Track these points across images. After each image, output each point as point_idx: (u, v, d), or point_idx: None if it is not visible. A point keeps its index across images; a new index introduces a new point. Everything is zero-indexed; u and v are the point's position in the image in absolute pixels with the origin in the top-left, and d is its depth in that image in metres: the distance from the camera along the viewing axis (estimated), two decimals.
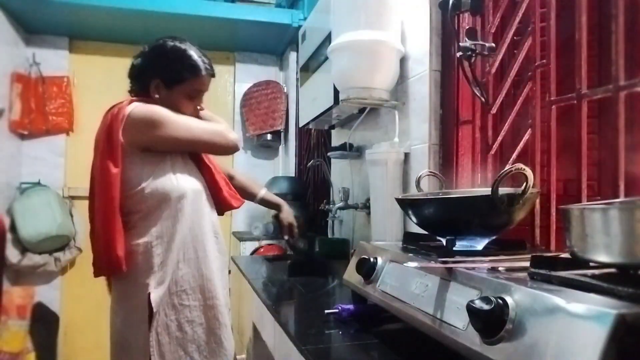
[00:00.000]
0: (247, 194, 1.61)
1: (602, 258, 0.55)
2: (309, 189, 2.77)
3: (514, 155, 1.12)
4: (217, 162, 1.46)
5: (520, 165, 0.77)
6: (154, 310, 1.22)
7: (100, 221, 1.23)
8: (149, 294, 1.22)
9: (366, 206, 1.75)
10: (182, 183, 1.28)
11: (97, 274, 1.28)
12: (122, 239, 1.21)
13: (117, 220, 1.20)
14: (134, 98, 1.31)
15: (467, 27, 1.19)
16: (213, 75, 1.39)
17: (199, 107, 1.38)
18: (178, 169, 1.29)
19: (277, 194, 2.53)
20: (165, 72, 1.31)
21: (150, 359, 1.21)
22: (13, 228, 2.63)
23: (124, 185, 1.22)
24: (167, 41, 1.35)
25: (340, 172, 2.16)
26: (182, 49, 1.35)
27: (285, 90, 3.16)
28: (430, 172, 1.22)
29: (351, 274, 1.03)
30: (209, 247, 1.32)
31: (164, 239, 1.25)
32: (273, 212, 1.66)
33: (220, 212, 1.43)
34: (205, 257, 1.30)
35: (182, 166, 1.31)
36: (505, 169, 0.77)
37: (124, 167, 1.22)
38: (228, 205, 1.42)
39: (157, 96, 1.30)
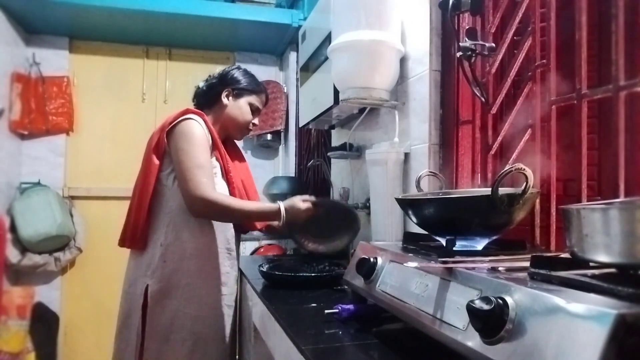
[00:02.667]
0: None
1: (602, 258, 0.55)
2: (309, 189, 2.77)
3: (514, 155, 1.12)
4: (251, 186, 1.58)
5: (520, 165, 0.77)
6: (148, 303, 1.38)
7: (136, 199, 1.44)
8: (147, 285, 1.38)
9: (366, 206, 1.75)
10: None
11: (120, 243, 1.48)
12: (147, 219, 1.41)
13: (146, 203, 1.40)
14: (192, 109, 1.47)
15: (467, 27, 1.19)
16: (266, 103, 1.64)
17: (255, 122, 1.58)
18: None
19: (277, 194, 2.55)
20: (235, 83, 1.54)
21: (142, 340, 1.37)
22: (13, 228, 2.63)
23: (160, 179, 1.42)
24: (235, 66, 1.62)
25: (340, 172, 2.16)
26: (250, 72, 1.62)
27: (285, 90, 3.16)
28: (430, 172, 1.22)
29: (351, 274, 1.03)
30: (215, 264, 1.45)
31: (171, 242, 1.40)
32: None
33: (242, 231, 1.60)
34: (210, 271, 1.44)
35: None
36: (505, 169, 0.77)
37: (162, 163, 1.42)
38: (248, 226, 1.57)
39: (226, 102, 1.52)
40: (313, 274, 1.49)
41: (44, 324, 2.79)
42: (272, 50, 3.25)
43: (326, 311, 1.03)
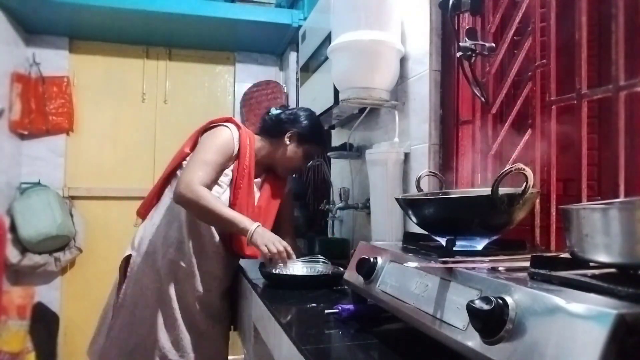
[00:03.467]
0: None
1: (602, 258, 0.55)
2: (309, 189, 2.77)
3: (514, 155, 1.12)
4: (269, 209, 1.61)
5: (520, 165, 0.77)
6: (127, 275, 1.50)
7: (162, 175, 1.57)
8: (128, 255, 1.52)
9: (366, 206, 1.75)
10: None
11: (138, 212, 1.64)
12: (155, 197, 1.57)
13: (162, 183, 1.56)
14: (234, 119, 1.57)
15: (467, 27, 1.19)
16: (320, 157, 1.85)
17: (302, 167, 1.68)
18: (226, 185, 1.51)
19: None
20: (304, 130, 1.59)
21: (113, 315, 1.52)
22: (13, 228, 2.63)
23: (181, 166, 1.52)
24: (308, 112, 1.66)
25: (340, 172, 2.16)
26: (319, 121, 1.69)
27: (285, 90, 3.16)
28: (430, 172, 1.22)
29: (351, 274, 1.03)
30: (155, 256, 1.51)
31: (171, 220, 1.50)
32: None
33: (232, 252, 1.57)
34: (152, 263, 1.51)
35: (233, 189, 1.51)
36: (505, 169, 0.77)
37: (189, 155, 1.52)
38: (238, 251, 1.54)
39: (288, 142, 1.58)
40: (313, 274, 1.49)
41: (44, 324, 2.79)
42: (272, 50, 3.25)
43: (326, 311, 1.03)
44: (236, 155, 1.50)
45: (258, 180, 1.60)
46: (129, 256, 1.52)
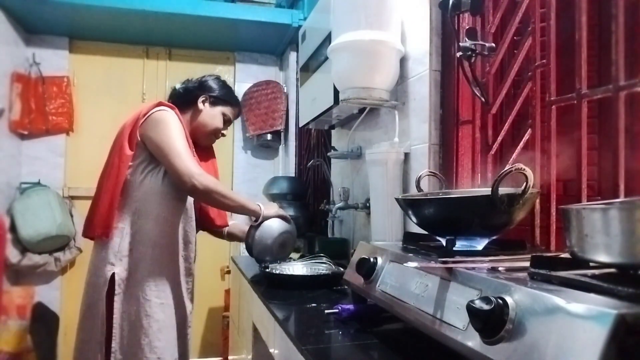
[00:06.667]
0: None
1: (602, 258, 0.55)
2: (309, 189, 2.77)
3: (514, 155, 1.12)
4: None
5: (520, 165, 0.77)
6: (116, 291, 1.39)
7: (105, 187, 1.43)
8: (113, 273, 1.39)
9: (366, 206, 1.75)
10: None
11: (84, 234, 1.49)
12: (115, 210, 1.40)
13: (118, 191, 1.40)
14: (165, 102, 1.50)
15: (467, 27, 1.19)
16: (237, 116, 1.69)
17: (224, 133, 1.63)
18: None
19: (277, 194, 2.56)
20: (213, 91, 1.59)
21: (107, 328, 1.40)
22: (13, 228, 2.63)
23: (130, 169, 1.44)
24: (215, 75, 1.66)
25: (340, 172, 2.16)
26: (228, 84, 1.66)
27: (285, 90, 3.16)
28: (430, 172, 1.22)
29: (351, 274, 1.03)
30: (174, 254, 1.48)
31: (137, 230, 1.42)
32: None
33: (202, 228, 1.63)
34: (170, 261, 1.47)
35: None
36: (505, 169, 0.77)
37: (136, 154, 1.43)
38: (211, 223, 1.64)
39: (201, 107, 1.56)
40: (313, 274, 1.49)
41: (44, 324, 2.79)
42: (272, 50, 3.25)
43: (326, 311, 1.03)
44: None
45: None
46: (113, 274, 1.39)
